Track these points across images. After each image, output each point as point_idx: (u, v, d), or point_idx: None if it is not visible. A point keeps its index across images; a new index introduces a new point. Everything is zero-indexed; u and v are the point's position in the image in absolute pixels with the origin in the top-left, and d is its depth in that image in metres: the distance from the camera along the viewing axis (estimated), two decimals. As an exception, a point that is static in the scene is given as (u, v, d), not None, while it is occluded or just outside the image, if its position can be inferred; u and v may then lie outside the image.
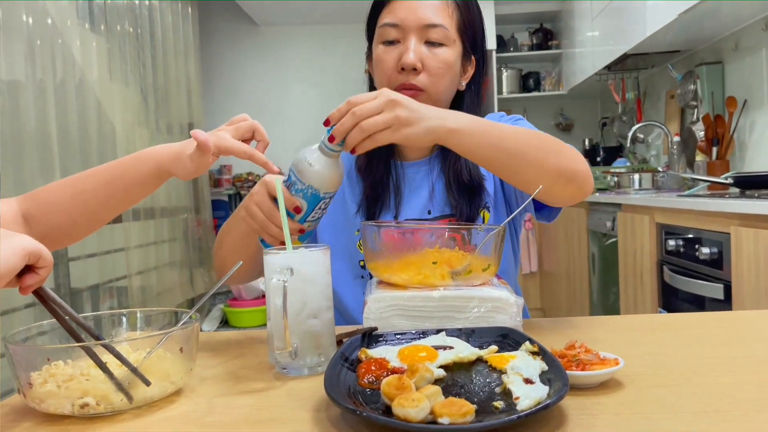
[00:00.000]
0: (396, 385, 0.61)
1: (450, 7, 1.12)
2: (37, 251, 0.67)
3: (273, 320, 0.77)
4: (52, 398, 0.66)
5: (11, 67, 2.32)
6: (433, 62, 1.10)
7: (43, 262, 0.68)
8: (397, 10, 1.11)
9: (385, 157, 1.19)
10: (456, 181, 1.15)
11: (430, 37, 1.10)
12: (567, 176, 0.95)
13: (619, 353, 0.73)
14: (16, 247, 0.65)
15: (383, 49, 1.13)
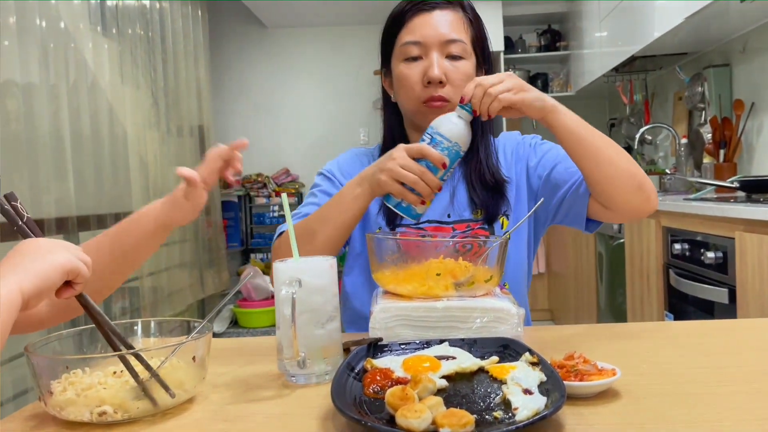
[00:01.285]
0: (400, 396, 0.63)
1: (464, 22, 1.19)
2: (76, 269, 0.70)
3: (282, 330, 0.80)
4: (72, 406, 0.69)
5: (25, 70, 2.36)
6: (455, 75, 1.17)
7: (81, 279, 0.72)
8: (417, 29, 1.17)
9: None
10: (480, 181, 1.21)
11: (451, 51, 1.17)
12: (639, 181, 1.05)
13: (617, 362, 0.75)
14: (57, 264, 0.68)
15: (407, 66, 1.18)
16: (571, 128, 1.04)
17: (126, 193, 3.10)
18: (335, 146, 5.27)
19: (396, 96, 1.24)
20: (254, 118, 5.38)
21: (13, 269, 0.66)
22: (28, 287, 0.65)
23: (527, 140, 1.29)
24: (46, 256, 0.68)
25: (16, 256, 0.69)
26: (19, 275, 0.65)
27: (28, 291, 0.65)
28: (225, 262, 4.49)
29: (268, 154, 5.35)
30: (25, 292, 0.64)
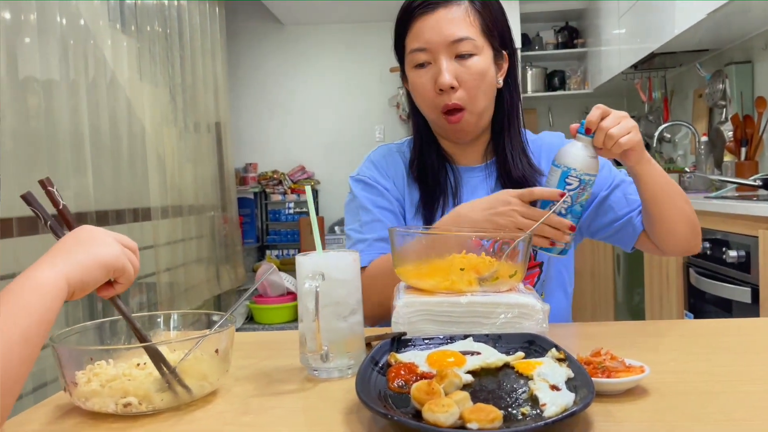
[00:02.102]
0: (426, 390, 0.63)
1: (470, 14, 1.12)
2: (121, 268, 0.71)
3: (305, 322, 0.80)
4: (96, 397, 0.69)
5: (46, 66, 2.38)
6: (467, 76, 1.11)
7: (124, 279, 0.72)
8: (421, 33, 1.12)
9: (441, 160, 1.22)
10: (508, 177, 1.18)
11: (459, 51, 1.11)
12: (695, 227, 1.12)
13: (644, 360, 0.74)
14: (103, 261, 0.69)
15: (417, 74, 1.14)
16: (656, 179, 1.05)
17: (144, 188, 3.12)
18: (351, 143, 5.28)
19: (415, 102, 1.21)
20: (270, 114, 5.39)
21: (66, 256, 0.67)
22: (75, 277, 0.66)
23: None
24: (97, 249, 0.69)
25: (71, 242, 0.69)
26: (68, 264, 0.66)
27: (73, 281, 0.66)
28: (241, 259, 4.51)
29: (283, 151, 5.37)
30: (71, 282, 0.65)
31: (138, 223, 3.02)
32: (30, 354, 0.59)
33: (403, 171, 1.25)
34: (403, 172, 1.25)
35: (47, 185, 0.75)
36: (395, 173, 1.25)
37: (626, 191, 1.18)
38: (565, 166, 0.98)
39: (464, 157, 1.24)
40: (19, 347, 0.58)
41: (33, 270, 0.64)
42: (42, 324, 0.61)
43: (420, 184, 1.22)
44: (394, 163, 1.26)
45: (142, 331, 0.77)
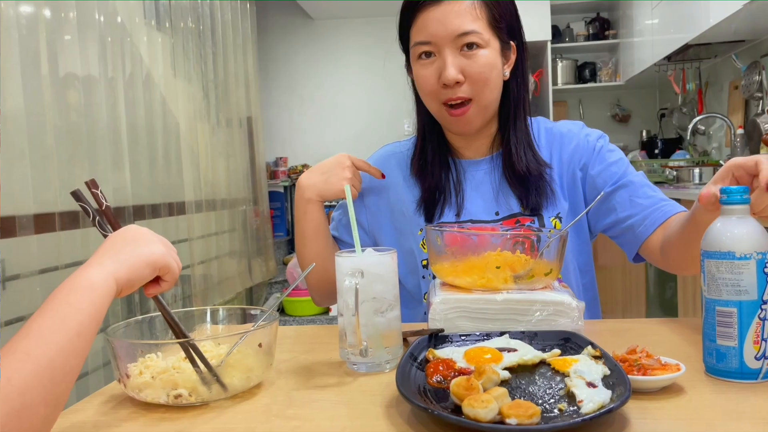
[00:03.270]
0: (465, 386, 0.64)
1: (477, 7, 1.09)
2: (166, 266, 0.74)
3: (345, 318, 0.82)
4: (149, 388, 0.73)
5: (85, 63, 2.44)
6: (473, 70, 1.08)
7: (170, 276, 0.75)
8: (426, 26, 1.09)
9: (443, 156, 1.21)
10: (513, 172, 1.16)
11: (465, 44, 1.08)
12: None
13: (679, 357, 0.75)
14: (151, 258, 0.72)
15: (421, 67, 1.12)
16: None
17: (178, 183, 3.18)
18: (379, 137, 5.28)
19: (419, 95, 1.18)
20: (300, 109, 5.43)
21: (113, 256, 0.70)
22: (123, 276, 0.69)
23: (592, 139, 1.20)
24: (143, 248, 0.72)
25: (118, 241, 0.72)
26: (116, 263, 0.69)
27: (121, 279, 0.69)
28: (272, 252, 4.56)
29: (313, 145, 5.41)
30: (119, 280, 0.68)
31: (173, 217, 3.08)
32: (83, 348, 0.62)
33: (401, 172, 1.25)
34: (401, 173, 1.25)
35: (92, 187, 0.79)
36: (389, 176, 1.25)
37: (633, 193, 1.13)
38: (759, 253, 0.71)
39: (470, 150, 1.22)
40: (73, 342, 0.61)
41: (83, 270, 0.67)
42: (93, 321, 0.64)
43: (420, 180, 1.21)
44: (391, 166, 1.26)
45: (181, 327, 0.79)
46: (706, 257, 0.74)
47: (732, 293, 0.72)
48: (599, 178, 1.16)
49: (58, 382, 0.59)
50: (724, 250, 0.72)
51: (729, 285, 0.72)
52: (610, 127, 5.17)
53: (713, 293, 0.73)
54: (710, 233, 0.74)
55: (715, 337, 0.73)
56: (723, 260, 0.72)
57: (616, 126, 5.17)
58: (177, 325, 0.79)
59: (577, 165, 1.18)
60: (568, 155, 1.19)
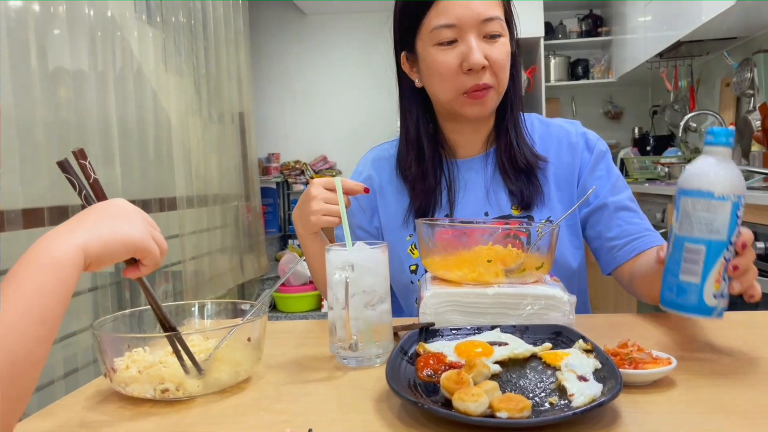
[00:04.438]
0: (455, 380, 0.64)
1: None
2: (146, 250, 0.68)
3: (335, 311, 0.82)
4: (135, 383, 0.72)
5: (75, 57, 2.42)
6: (496, 56, 1.06)
7: (150, 260, 0.70)
8: (450, 9, 1.05)
9: (436, 153, 1.18)
10: (512, 167, 1.14)
11: (488, 30, 1.06)
12: None
13: (671, 352, 0.75)
14: (127, 238, 0.66)
15: (440, 52, 1.07)
16: None
17: (170, 178, 3.16)
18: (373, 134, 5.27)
19: (427, 84, 1.13)
20: (293, 105, 5.41)
21: (87, 226, 0.64)
22: (93, 250, 0.63)
23: (591, 141, 1.18)
24: (122, 226, 0.67)
25: (97, 212, 0.67)
26: (87, 234, 0.63)
27: (92, 254, 0.63)
28: (264, 248, 4.55)
29: (306, 142, 5.39)
30: (88, 255, 0.62)
31: (164, 213, 3.06)
32: (48, 334, 0.57)
33: (389, 175, 1.22)
34: (390, 176, 1.22)
35: (80, 157, 0.73)
36: (380, 182, 1.22)
37: (623, 216, 1.13)
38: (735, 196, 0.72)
39: (465, 146, 1.19)
40: (36, 329, 0.56)
41: (50, 239, 0.61)
42: (59, 303, 0.59)
43: (414, 183, 1.17)
44: (381, 171, 1.23)
45: (168, 317, 0.77)
46: (683, 194, 0.74)
47: (704, 231, 0.72)
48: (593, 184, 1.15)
49: (21, 375, 0.54)
50: (703, 189, 0.72)
51: (702, 223, 0.72)
52: (603, 124, 5.18)
53: (685, 230, 0.74)
54: (690, 172, 0.74)
55: (679, 272, 0.74)
56: (700, 198, 0.72)
57: (609, 123, 5.18)
58: (162, 314, 0.76)
59: (573, 165, 1.17)
60: (564, 154, 1.18)
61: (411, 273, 1.17)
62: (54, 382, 2.19)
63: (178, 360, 0.74)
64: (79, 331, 2.32)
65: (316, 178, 0.99)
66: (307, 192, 1.00)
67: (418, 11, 1.10)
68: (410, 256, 1.17)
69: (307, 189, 1.01)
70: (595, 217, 1.16)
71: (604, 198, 1.15)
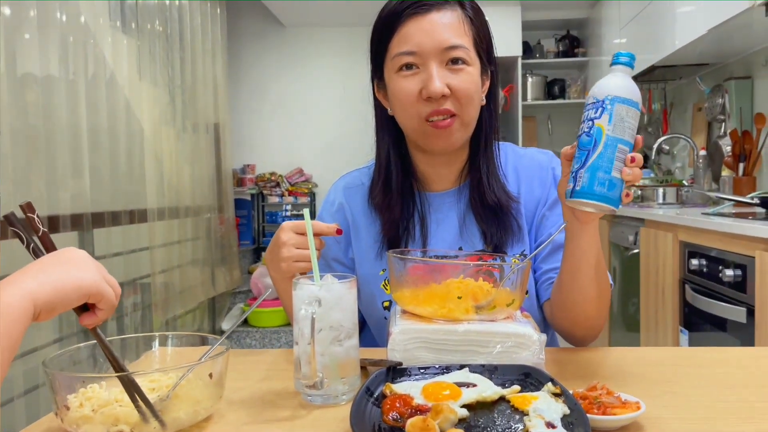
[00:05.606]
0: (421, 427, 0.62)
1: (464, 23, 1.05)
2: (98, 294, 0.66)
3: (300, 346, 0.79)
4: (88, 424, 0.68)
5: (45, 63, 2.37)
6: (459, 85, 1.03)
7: (105, 304, 0.68)
8: (411, 36, 1.03)
9: (407, 187, 1.14)
10: (482, 205, 1.11)
11: (451, 59, 1.03)
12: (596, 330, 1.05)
13: (639, 393, 0.74)
14: (79, 283, 0.64)
15: (402, 79, 1.05)
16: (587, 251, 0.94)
17: (141, 189, 3.11)
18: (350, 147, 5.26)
19: (393, 111, 1.10)
20: (270, 116, 5.37)
21: (35, 275, 0.62)
22: (42, 298, 0.61)
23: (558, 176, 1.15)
24: (71, 271, 0.65)
25: (46, 262, 0.65)
26: (37, 282, 0.61)
27: (41, 301, 0.61)
28: (237, 261, 4.49)
29: (282, 154, 5.35)
30: (37, 303, 0.60)
31: (134, 225, 3.00)
32: None
33: (362, 204, 1.18)
34: (362, 206, 1.18)
35: (28, 211, 0.70)
36: (353, 213, 1.19)
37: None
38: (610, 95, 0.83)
39: (437, 179, 1.16)
40: None
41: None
42: (6, 352, 0.57)
43: (382, 213, 1.14)
44: (353, 201, 1.20)
45: (120, 361, 0.74)
46: (618, 102, 0.83)
47: (629, 135, 0.84)
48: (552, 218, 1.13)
49: None
50: (634, 100, 0.83)
51: (630, 128, 0.84)
52: (578, 144, 5.23)
53: (618, 132, 0.83)
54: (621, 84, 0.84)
55: (611, 169, 0.83)
56: (632, 108, 0.83)
57: (584, 142, 5.23)
58: (114, 359, 0.73)
59: (541, 199, 1.15)
60: (536, 188, 1.16)
61: (384, 309, 1.14)
62: (14, 400, 2.12)
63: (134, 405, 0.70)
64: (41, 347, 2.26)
65: (286, 223, 0.95)
66: (276, 236, 0.96)
67: (383, 38, 1.08)
68: (383, 292, 1.14)
69: (276, 233, 0.97)
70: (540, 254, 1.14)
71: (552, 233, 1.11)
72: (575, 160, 0.85)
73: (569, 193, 0.85)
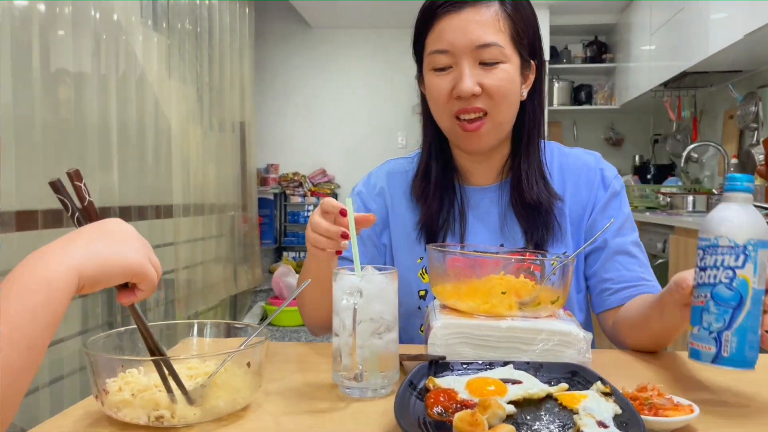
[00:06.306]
0: (469, 421, 0.60)
1: (501, 18, 1.02)
2: (142, 274, 0.65)
3: (341, 338, 0.78)
4: (128, 407, 0.68)
5: (78, 59, 2.39)
6: (492, 83, 1.01)
7: (146, 285, 0.66)
8: (444, 34, 1.02)
9: (447, 179, 1.13)
10: (522, 203, 1.09)
11: (484, 57, 1.01)
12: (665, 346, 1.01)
13: (690, 397, 0.71)
14: (124, 262, 0.63)
15: (435, 77, 1.05)
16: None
17: (167, 186, 3.12)
18: (372, 149, 5.27)
19: (430, 108, 1.10)
20: (294, 116, 5.40)
21: (83, 246, 0.60)
22: (88, 273, 0.59)
23: (608, 178, 1.14)
24: (119, 248, 0.63)
25: (92, 232, 0.63)
26: (84, 255, 0.59)
27: (86, 276, 0.59)
28: (259, 259, 4.50)
29: (305, 154, 5.37)
30: (82, 277, 0.59)
31: (160, 220, 3.02)
32: (34, 361, 0.54)
33: (404, 195, 1.17)
34: (404, 196, 1.17)
35: (75, 179, 0.68)
36: (392, 198, 1.18)
37: (623, 261, 1.09)
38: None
39: (478, 174, 1.15)
40: (22, 355, 0.52)
41: (42, 257, 0.57)
42: (48, 328, 0.55)
43: (421, 204, 1.13)
44: (394, 186, 1.18)
45: (159, 345, 0.73)
46: (761, 247, 0.70)
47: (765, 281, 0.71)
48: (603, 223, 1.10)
49: (4, 405, 0.50)
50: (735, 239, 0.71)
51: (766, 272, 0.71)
52: (603, 151, 5.17)
53: (761, 283, 0.71)
54: (758, 218, 0.72)
55: (758, 327, 0.71)
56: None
57: (609, 149, 5.18)
58: (152, 340, 0.72)
59: (588, 201, 1.13)
60: (582, 188, 1.13)
61: (420, 298, 1.12)
62: (39, 389, 2.13)
63: (166, 388, 0.69)
64: (67, 338, 2.27)
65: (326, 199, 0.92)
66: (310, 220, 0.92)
67: (420, 34, 1.08)
68: (420, 281, 1.12)
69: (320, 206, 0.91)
70: (594, 255, 1.12)
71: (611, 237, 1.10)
72: (712, 315, 0.72)
73: (711, 358, 0.73)
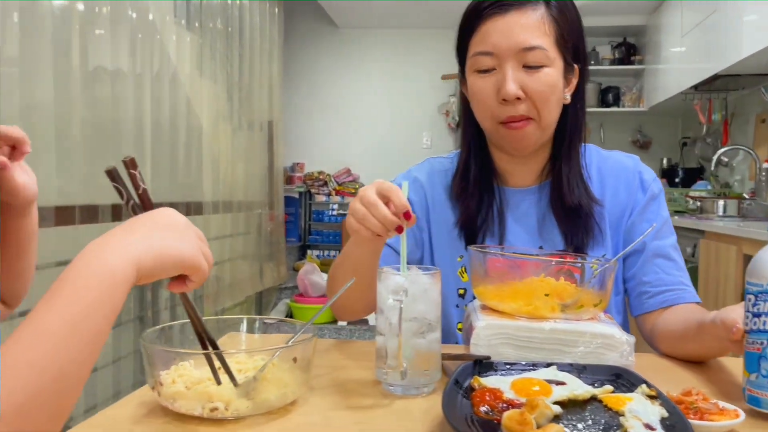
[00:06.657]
0: (518, 420, 0.61)
1: (546, 22, 1.02)
2: (196, 266, 0.65)
3: (386, 337, 0.80)
4: (183, 399, 0.70)
5: (116, 58, 2.44)
6: (535, 87, 1.01)
7: (198, 276, 0.67)
8: (488, 36, 1.02)
9: (485, 180, 1.14)
10: (562, 206, 1.09)
11: (528, 60, 1.01)
12: None
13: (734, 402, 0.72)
14: (180, 255, 0.63)
15: (479, 79, 1.05)
16: None
17: (197, 183, 3.17)
18: (398, 149, 5.28)
19: (472, 108, 1.10)
20: (320, 115, 5.43)
21: (142, 238, 0.61)
22: (146, 266, 0.60)
23: (646, 181, 1.15)
24: (174, 241, 0.64)
25: (149, 223, 0.64)
26: (143, 248, 0.60)
27: (144, 269, 0.60)
28: (284, 257, 4.54)
29: (331, 153, 5.40)
30: (140, 269, 0.59)
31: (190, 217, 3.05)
32: (95, 353, 0.55)
33: (445, 192, 1.17)
34: (445, 194, 1.17)
35: (131, 167, 0.69)
36: (433, 195, 1.18)
37: (663, 264, 1.09)
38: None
39: (517, 176, 1.15)
40: (85, 348, 0.53)
41: (103, 250, 0.58)
42: (109, 320, 0.56)
43: (460, 203, 1.13)
44: (435, 184, 1.18)
45: (209, 333, 0.75)
46: None
47: None
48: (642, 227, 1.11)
49: (66, 395, 0.52)
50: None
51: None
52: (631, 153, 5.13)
53: None
54: None
55: None
56: None
57: (637, 152, 5.13)
58: (203, 329, 0.74)
59: (627, 204, 1.13)
60: (621, 191, 1.13)
61: (459, 297, 1.13)
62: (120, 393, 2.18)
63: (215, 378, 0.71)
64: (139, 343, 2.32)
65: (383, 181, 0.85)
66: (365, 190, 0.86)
67: (464, 35, 1.08)
68: (459, 279, 1.13)
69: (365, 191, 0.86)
70: (632, 258, 1.11)
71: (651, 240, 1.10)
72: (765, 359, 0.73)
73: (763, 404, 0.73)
